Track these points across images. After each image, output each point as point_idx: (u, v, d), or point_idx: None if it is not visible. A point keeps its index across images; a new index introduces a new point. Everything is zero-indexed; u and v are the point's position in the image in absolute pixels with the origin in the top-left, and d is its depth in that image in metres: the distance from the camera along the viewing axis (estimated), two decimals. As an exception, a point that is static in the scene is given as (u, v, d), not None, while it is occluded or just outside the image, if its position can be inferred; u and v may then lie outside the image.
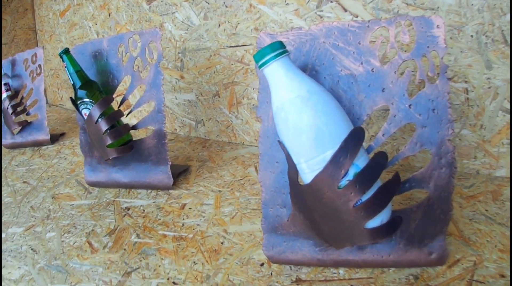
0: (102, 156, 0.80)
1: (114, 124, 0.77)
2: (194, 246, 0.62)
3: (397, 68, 0.50)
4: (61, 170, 0.95)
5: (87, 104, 0.77)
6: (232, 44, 0.88)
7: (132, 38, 0.79)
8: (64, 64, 0.77)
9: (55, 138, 1.13)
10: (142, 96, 0.77)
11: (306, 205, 0.49)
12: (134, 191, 0.81)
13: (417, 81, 0.50)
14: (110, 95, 0.78)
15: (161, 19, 1.00)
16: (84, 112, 0.78)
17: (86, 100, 0.77)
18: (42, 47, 1.06)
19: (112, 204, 0.77)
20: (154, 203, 0.76)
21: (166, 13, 0.98)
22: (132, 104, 0.91)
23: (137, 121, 0.79)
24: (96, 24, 1.16)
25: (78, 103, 0.78)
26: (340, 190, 0.44)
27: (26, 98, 1.08)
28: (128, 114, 0.82)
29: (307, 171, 0.46)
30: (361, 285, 0.50)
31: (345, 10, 0.72)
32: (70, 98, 0.79)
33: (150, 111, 0.77)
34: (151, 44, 0.77)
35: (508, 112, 0.65)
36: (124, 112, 0.81)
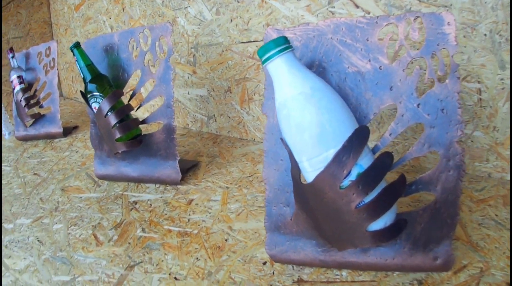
0: (111, 150, 0.81)
1: (124, 118, 0.78)
2: (198, 242, 0.62)
3: (406, 66, 0.48)
4: (72, 163, 0.97)
5: (97, 98, 0.77)
6: (244, 40, 0.87)
7: (143, 33, 0.79)
8: (75, 58, 0.78)
9: (68, 131, 1.14)
10: (152, 91, 0.78)
11: (308, 205, 0.48)
12: (143, 185, 0.82)
13: (426, 80, 0.48)
14: (120, 89, 0.78)
15: (174, 14, 1.00)
16: (94, 106, 0.78)
17: (96, 94, 0.77)
18: (56, 41, 1.07)
19: (120, 198, 0.78)
20: (162, 198, 0.76)
21: (179, 8, 0.98)
22: (142, 99, 0.92)
23: (147, 116, 0.79)
24: (110, 19, 1.17)
25: (88, 97, 0.78)
26: (342, 191, 0.43)
27: (40, 91, 1.10)
28: (138, 109, 0.82)
29: (309, 170, 0.45)
30: (364, 288, 0.49)
31: (357, 7, 0.70)
32: (80, 92, 0.79)
33: (160, 106, 0.77)
34: (162, 39, 0.77)
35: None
36: (134, 107, 0.81)
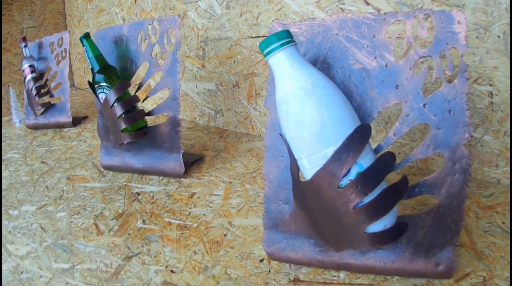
0: (117, 141, 0.81)
1: (129, 109, 0.78)
2: (197, 236, 0.62)
3: (413, 65, 0.47)
4: (79, 153, 0.98)
5: (104, 89, 0.78)
6: (253, 35, 0.86)
7: (152, 25, 0.79)
8: (84, 48, 0.79)
9: (78, 121, 1.15)
10: (159, 83, 0.78)
11: (307, 203, 0.47)
12: (147, 177, 0.82)
13: (434, 80, 0.46)
14: (127, 81, 0.79)
15: (185, 7, 1.00)
16: (101, 96, 0.79)
17: (103, 85, 0.78)
18: (69, 32, 1.08)
19: (124, 189, 0.78)
20: (164, 190, 0.76)
21: (190, 2, 0.98)
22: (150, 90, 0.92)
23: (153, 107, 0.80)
24: (123, 11, 1.18)
25: (96, 87, 0.79)
26: (340, 190, 0.42)
27: (51, 81, 1.11)
28: (144, 100, 0.82)
29: (308, 167, 0.44)
30: (361, 291, 0.48)
31: (368, 4, 0.68)
32: (88, 82, 0.80)
33: (166, 98, 0.77)
34: (170, 32, 0.77)
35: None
36: (141, 98, 0.81)
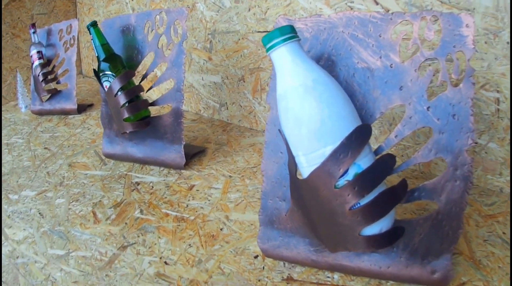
0: (119, 129, 0.81)
1: (133, 99, 0.78)
2: (193, 229, 0.62)
3: (418, 66, 0.46)
4: (83, 140, 0.98)
5: (109, 77, 0.78)
6: (261, 29, 0.86)
7: (159, 16, 0.78)
8: (91, 36, 0.79)
9: (83, 108, 1.16)
10: (163, 74, 0.77)
11: (303, 201, 0.47)
12: (147, 167, 0.82)
13: (439, 83, 0.46)
14: (132, 70, 0.79)
15: (194, -1, 0.99)
16: (105, 85, 0.79)
17: (108, 73, 0.78)
18: (78, 19, 1.08)
19: (124, 178, 0.79)
20: (164, 181, 0.76)
21: (199, -6, 0.97)
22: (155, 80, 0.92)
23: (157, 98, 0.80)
24: (132, 0, 1.17)
25: (100, 75, 0.79)
26: (337, 190, 0.41)
27: (58, 67, 1.12)
28: (148, 90, 0.82)
29: (305, 165, 0.43)
30: (354, 294, 0.47)
31: (377, 3, 0.67)
32: (93, 70, 0.80)
33: (170, 89, 0.77)
34: (177, 23, 0.76)
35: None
36: (146, 88, 0.81)
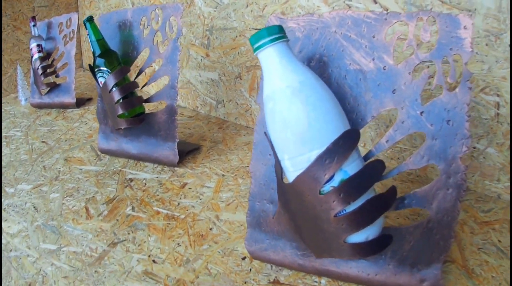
0: (114, 125, 0.81)
1: (128, 95, 0.77)
2: (183, 228, 0.61)
3: (413, 69, 0.45)
4: (80, 134, 0.98)
5: (104, 73, 0.77)
6: (258, 27, 0.84)
7: (155, 11, 0.78)
8: (87, 32, 0.78)
9: (82, 102, 1.16)
10: (158, 70, 0.77)
11: (290, 205, 0.46)
12: (142, 164, 0.82)
13: (434, 87, 0.44)
14: (127, 66, 0.78)
15: (194, -5, 0.98)
16: (100, 81, 0.78)
17: (103, 69, 0.77)
18: (78, 13, 1.08)
19: (118, 174, 0.78)
20: (157, 178, 0.76)
21: (199, -11, 0.96)
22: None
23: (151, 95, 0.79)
24: (133, -6, 1.17)
25: (96, 71, 0.78)
26: (322, 196, 0.40)
27: (57, 61, 1.11)
28: (143, 87, 0.81)
29: (291, 170, 0.42)
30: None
31: (375, 2, 0.66)
32: (89, 65, 0.80)
33: (164, 86, 0.76)
34: (172, 19, 0.75)
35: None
36: (141, 85, 0.81)
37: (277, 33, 0.41)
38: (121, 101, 0.76)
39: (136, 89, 0.79)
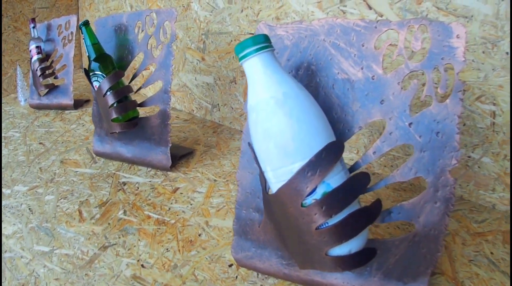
0: (108, 129, 0.81)
1: (122, 99, 0.77)
2: (172, 233, 0.61)
3: (402, 79, 0.44)
4: (76, 136, 0.98)
5: (98, 77, 0.77)
6: (252, 31, 0.84)
7: (149, 16, 0.77)
8: (83, 36, 0.78)
9: (80, 104, 1.16)
10: (152, 75, 0.77)
11: (274, 216, 0.45)
12: (135, 167, 0.82)
13: (423, 97, 0.43)
14: (121, 70, 0.78)
15: (190, -2, 0.98)
16: (95, 84, 0.79)
17: (98, 73, 0.77)
18: (77, 15, 1.08)
19: (112, 177, 0.78)
20: (150, 182, 0.76)
21: (196, -8, 0.96)
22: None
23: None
24: (132, -3, 1.17)
25: (90, 75, 0.78)
26: (304, 209, 0.39)
27: (56, 63, 1.12)
28: (137, 91, 0.81)
29: (273, 181, 0.42)
30: (323, 310, 0.46)
31: (370, 8, 0.65)
32: (84, 69, 0.80)
33: (158, 91, 0.76)
34: (167, 24, 0.75)
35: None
36: (135, 89, 0.81)
37: (262, 43, 0.41)
38: (115, 105, 0.76)
39: (131, 93, 0.79)
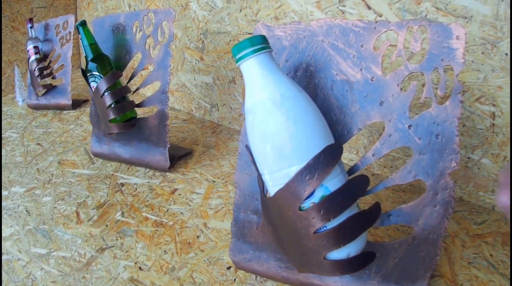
0: (106, 130, 0.81)
1: (119, 100, 0.77)
2: (170, 235, 0.61)
3: (402, 81, 0.43)
4: (74, 137, 0.98)
5: (96, 77, 0.77)
6: (251, 31, 0.83)
7: (147, 16, 0.77)
8: (80, 36, 0.77)
9: (78, 104, 1.16)
10: (150, 75, 0.76)
11: (272, 219, 0.45)
12: (133, 168, 0.81)
13: (423, 99, 0.43)
14: (119, 71, 0.77)
15: (189, -3, 0.97)
16: (92, 85, 0.78)
17: (95, 73, 0.77)
18: (74, 15, 1.08)
19: (110, 178, 0.78)
20: (148, 183, 0.75)
21: (194, -8, 0.95)
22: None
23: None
24: (131, -4, 1.16)
25: (88, 75, 0.78)
26: (302, 212, 0.39)
27: (54, 63, 1.12)
28: (135, 91, 0.81)
29: (270, 184, 0.41)
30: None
31: (369, 8, 0.65)
32: (81, 69, 0.79)
33: (156, 91, 0.75)
34: (164, 24, 0.75)
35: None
36: (133, 89, 0.80)
37: (260, 44, 0.40)
38: (113, 106, 0.76)
39: (128, 94, 0.79)
